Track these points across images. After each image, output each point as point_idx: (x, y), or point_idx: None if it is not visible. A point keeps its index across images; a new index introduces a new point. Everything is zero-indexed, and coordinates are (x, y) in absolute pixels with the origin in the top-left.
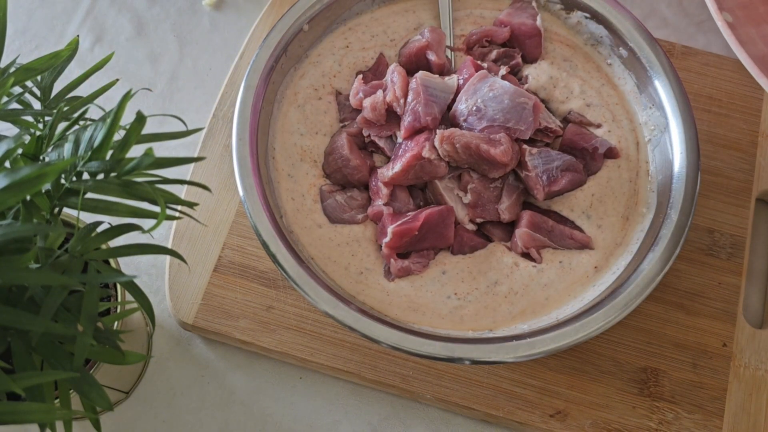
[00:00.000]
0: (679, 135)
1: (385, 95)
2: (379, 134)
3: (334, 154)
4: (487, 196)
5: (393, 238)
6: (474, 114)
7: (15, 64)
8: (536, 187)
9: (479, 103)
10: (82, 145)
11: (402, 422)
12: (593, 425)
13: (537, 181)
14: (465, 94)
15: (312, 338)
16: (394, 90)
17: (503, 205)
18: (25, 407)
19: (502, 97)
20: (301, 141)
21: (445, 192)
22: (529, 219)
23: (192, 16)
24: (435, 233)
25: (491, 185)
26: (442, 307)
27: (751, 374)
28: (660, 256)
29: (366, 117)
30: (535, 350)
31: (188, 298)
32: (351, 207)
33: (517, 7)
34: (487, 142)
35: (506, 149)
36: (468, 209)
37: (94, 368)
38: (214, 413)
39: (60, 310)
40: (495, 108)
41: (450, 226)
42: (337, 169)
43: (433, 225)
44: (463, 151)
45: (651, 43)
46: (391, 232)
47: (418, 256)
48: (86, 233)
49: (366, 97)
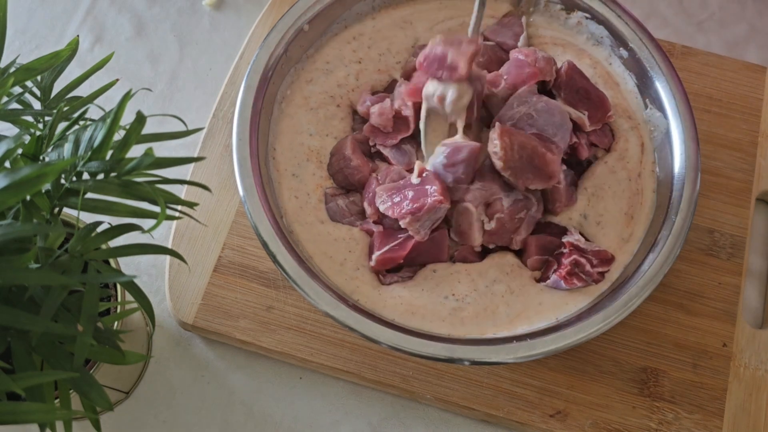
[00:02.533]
0: (679, 135)
1: (392, 103)
2: (384, 143)
3: (338, 155)
4: (510, 226)
5: (377, 264)
6: (525, 120)
7: (15, 64)
8: (560, 200)
9: (531, 110)
10: (82, 145)
11: (402, 422)
12: (593, 425)
13: (563, 194)
14: (516, 99)
15: (312, 338)
16: (402, 98)
17: (519, 236)
18: (25, 407)
19: (554, 110)
20: (309, 141)
21: (471, 214)
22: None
23: (192, 16)
24: (426, 255)
25: (517, 216)
26: (441, 309)
27: (751, 374)
28: (660, 257)
29: (373, 124)
30: (535, 351)
31: (188, 298)
32: (351, 212)
33: (504, 23)
34: (545, 146)
35: (559, 159)
36: (486, 235)
37: (94, 368)
38: (214, 413)
39: (60, 310)
40: (546, 120)
41: (444, 249)
42: (339, 169)
43: (425, 250)
44: (518, 150)
45: (651, 43)
46: (375, 259)
47: (408, 271)
48: (86, 233)
49: (373, 104)
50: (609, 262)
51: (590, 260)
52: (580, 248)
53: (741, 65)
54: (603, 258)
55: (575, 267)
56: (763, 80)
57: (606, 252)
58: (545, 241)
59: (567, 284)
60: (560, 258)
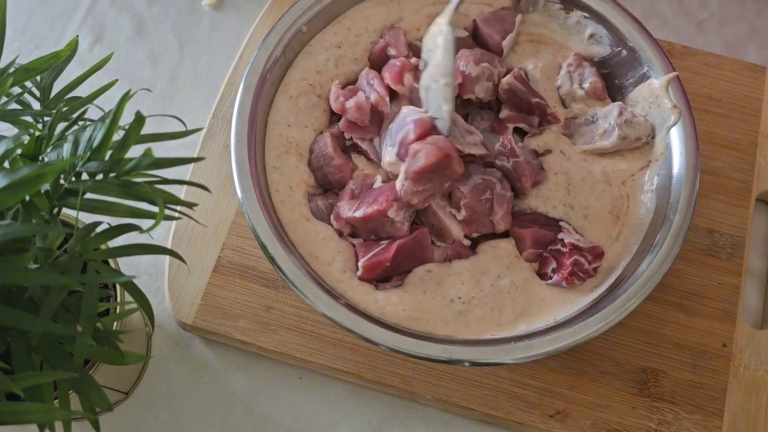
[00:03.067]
0: (678, 135)
1: (367, 96)
2: (363, 137)
3: (316, 152)
4: (480, 209)
5: (364, 272)
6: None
7: (15, 64)
8: (525, 174)
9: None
10: (81, 145)
11: (402, 423)
12: (593, 425)
13: (526, 167)
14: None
15: (312, 338)
16: (376, 91)
17: (497, 215)
18: (25, 407)
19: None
20: (288, 132)
21: (438, 210)
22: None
23: (192, 16)
24: (413, 257)
25: (482, 197)
26: (446, 312)
27: (751, 374)
28: (659, 257)
29: (350, 119)
30: (534, 352)
31: (188, 299)
32: (329, 213)
33: (498, 15)
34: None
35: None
36: (463, 225)
37: (94, 368)
38: (213, 413)
39: (59, 311)
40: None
41: (427, 247)
42: (319, 167)
43: (410, 251)
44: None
45: (651, 43)
46: (362, 266)
47: (398, 279)
48: (85, 233)
49: (347, 99)
50: (600, 257)
51: (586, 257)
52: (579, 247)
53: (741, 65)
54: (596, 253)
55: (575, 267)
56: (763, 80)
57: (598, 247)
58: (540, 235)
59: (568, 284)
60: (560, 258)
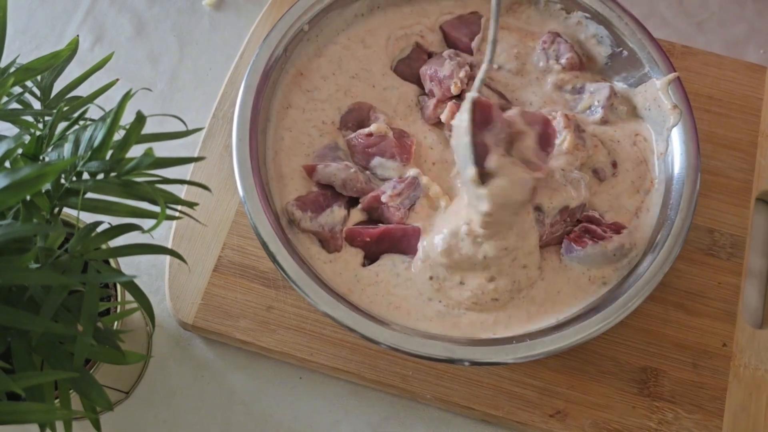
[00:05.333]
0: (679, 135)
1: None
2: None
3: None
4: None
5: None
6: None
7: (15, 64)
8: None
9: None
10: (82, 145)
11: (402, 422)
12: (593, 425)
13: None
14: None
15: (312, 338)
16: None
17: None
18: (25, 407)
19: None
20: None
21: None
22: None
23: (192, 16)
24: (395, 247)
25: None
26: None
27: (751, 374)
28: (659, 257)
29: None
30: (534, 351)
31: (188, 298)
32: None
33: (464, 19)
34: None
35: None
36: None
37: (94, 368)
38: (214, 413)
39: (60, 310)
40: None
41: (413, 246)
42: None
43: (394, 239)
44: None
45: (651, 43)
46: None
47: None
48: (86, 233)
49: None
50: (621, 230)
51: (604, 230)
52: (594, 219)
53: (741, 65)
54: (617, 229)
55: (585, 233)
56: (763, 80)
57: (620, 223)
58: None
59: (578, 245)
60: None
